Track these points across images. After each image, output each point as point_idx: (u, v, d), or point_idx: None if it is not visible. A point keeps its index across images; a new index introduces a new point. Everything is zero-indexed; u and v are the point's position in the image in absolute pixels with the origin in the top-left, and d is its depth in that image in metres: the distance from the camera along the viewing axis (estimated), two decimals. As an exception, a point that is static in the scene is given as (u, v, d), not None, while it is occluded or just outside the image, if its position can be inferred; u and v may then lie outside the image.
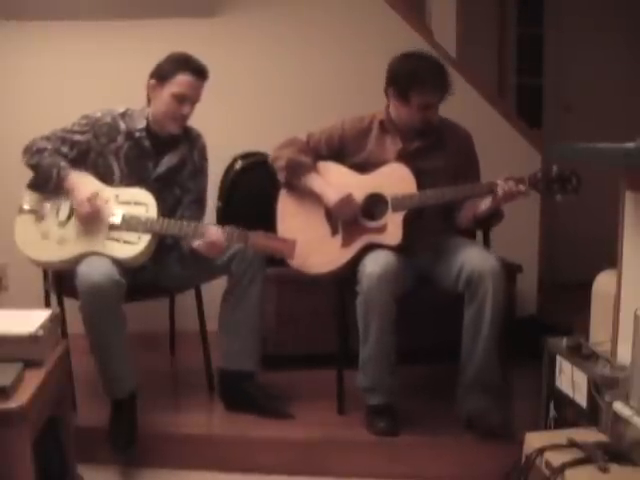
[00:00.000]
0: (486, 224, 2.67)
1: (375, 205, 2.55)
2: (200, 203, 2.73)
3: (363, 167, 2.60)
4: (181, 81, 2.53)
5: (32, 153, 2.54)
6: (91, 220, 2.47)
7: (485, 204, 2.49)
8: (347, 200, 2.53)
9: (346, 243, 2.56)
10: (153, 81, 2.57)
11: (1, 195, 3.13)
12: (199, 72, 2.56)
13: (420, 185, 2.50)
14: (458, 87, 2.57)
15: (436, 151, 2.59)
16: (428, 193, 2.49)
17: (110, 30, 3.40)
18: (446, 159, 2.59)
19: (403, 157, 2.57)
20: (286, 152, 2.63)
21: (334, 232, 2.59)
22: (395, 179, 2.53)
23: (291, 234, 2.52)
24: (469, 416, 2.45)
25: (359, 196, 2.56)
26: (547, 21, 4.57)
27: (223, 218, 3.11)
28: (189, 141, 2.69)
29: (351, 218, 2.55)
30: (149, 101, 2.61)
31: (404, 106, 2.53)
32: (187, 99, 2.55)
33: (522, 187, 2.40)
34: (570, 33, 4.45)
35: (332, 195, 2.54)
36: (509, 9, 4.55)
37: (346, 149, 2.64)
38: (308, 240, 2.55)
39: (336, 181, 2.60)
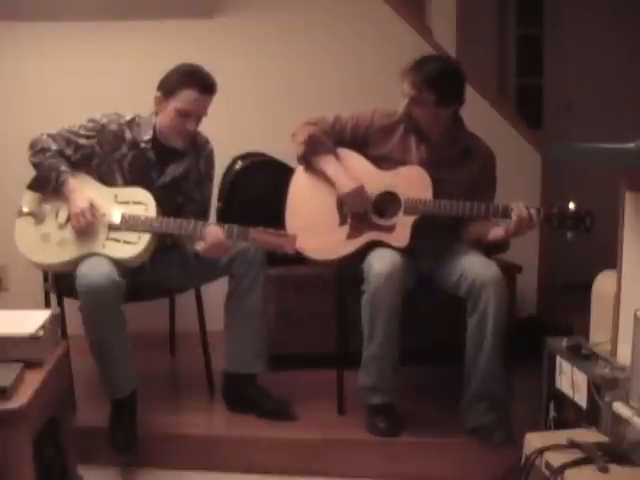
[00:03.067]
0: (490, 249, 2.66)
1: (388, 203, 2.54)
2: (204, 213, 2.70)
3: (383, 161, 2.57)
4: (185, 97, 2.48)
5: (36, 151, 2.52)
6: (85, 232, 2.46)
7: (495, 234, 2.47)
8: (359, 192, 2.52)
9: (352, 236, 2.54)
10: (159, 94, 2.53)
11: (1, 196, 3.13)
12: (205, 87, 2.50)
13: (435, 193, 2.48)
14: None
15: (459, 163, 2.56)
16: (443, 203, 2.46)
17: (110, 30, 3.39)
18: (467, 174, 2.56)
19: (425, 162, 2.53)
20: (309, 128, 2.59)
21: (342, 222, 2.57)
22: (412, 182, 2.50)
23: (299, 213, 2.51)
24: (473, 429, 2.43)
25: (373, 191, 2.54)
26: (547, 21, 4.57)
27: (223, 218, 3.10)
28: (196, 150, 2.66)
29: (361, 211, 2.54)
30: (157, 112, 2.57)
31: (422, 106, 2.48)
32: (192, 115, 2.51)
33: (534, 214, 2.36)
34: (570, 33, 4.45)
35: (345, 184, 2.52)
36: (509, 9, 4.55)
37: (370, 140, 2.60)
38: (315, 223, 2.54)
39: (354, 170, 2.57)
